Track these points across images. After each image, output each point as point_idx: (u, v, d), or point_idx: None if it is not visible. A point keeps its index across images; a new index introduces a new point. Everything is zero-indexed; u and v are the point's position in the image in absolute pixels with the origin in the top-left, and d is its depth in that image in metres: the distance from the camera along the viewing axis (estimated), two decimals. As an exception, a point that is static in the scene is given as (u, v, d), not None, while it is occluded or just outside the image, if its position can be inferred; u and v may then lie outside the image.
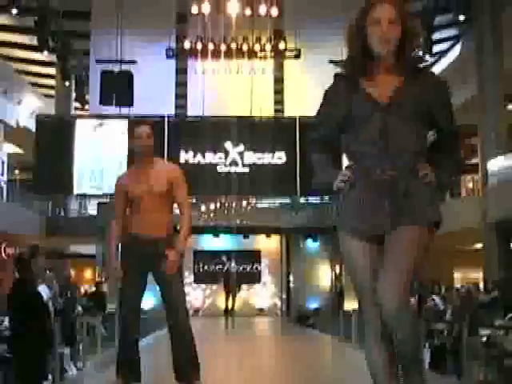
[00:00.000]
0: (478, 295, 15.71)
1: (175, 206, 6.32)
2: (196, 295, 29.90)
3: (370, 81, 3.59)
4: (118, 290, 6.36)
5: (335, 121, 3.66)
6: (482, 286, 18.59)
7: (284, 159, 23.77)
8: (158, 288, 6.22)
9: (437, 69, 27.00)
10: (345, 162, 3.77)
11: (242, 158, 23.63)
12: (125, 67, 23.63)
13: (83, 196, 26.70)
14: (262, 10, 22.92)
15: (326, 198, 23.93)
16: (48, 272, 13.87)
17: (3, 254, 27.47)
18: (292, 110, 24.95)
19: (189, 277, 29.24)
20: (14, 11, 20.80)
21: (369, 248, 3.59)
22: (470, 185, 23.79)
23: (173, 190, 6.17)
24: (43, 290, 11.00)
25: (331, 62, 19.38)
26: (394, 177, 3.50)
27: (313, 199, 26.02)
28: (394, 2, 3.54)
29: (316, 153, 3.80)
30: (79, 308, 14.87)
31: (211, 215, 27.32)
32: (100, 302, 18.74)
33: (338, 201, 3.70)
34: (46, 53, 24.43)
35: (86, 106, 28.18)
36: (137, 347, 6.24)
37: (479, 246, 22.98)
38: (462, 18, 21.07)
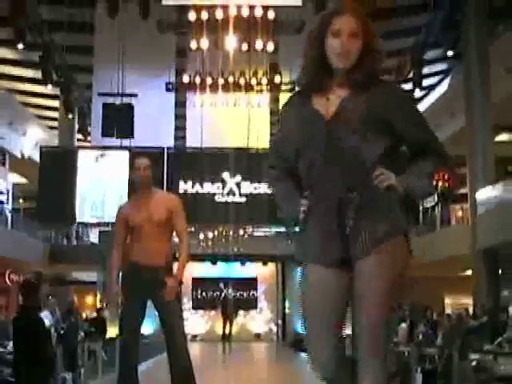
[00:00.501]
0: (468, 321, 15.70)
1: (174, 234, 6.36)
2: (194, 321, 29.81)
3: (321, 96, 3.18)
4: (119, 316, 6.36)
5: (293, 146, 3.23)
6: (471, 311, 18.58)
7: (280, 189, 23.73)
8: (157, 313, 6.23)
9: (427, 101, 27.17)
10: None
11: (239, 188, 23.65)
12: (126, 100, 23.73)
13: (85, 224, 26.71)
14: (259, 45, 22.99)
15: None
16: (50, 298, 13.86)
17: (7, 281, 27.43)
18: (287, 141, 24.92)
19: (187, 303, 29.18)
20: (20, 46, 20.90)
21: (329, 281, 3.11)
22: (460, 214, 23.83)
23: (172, 218, 6.21)
24: (46, 316, 10.99)
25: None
26: (340, 196, 3.07)
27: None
28: (356, 13, 3.14)
29: (278, 182, 3.41)
30: (81, 334, 14.80)
31: (209, 243, 27.34)
32: (101, 327, 18.70)
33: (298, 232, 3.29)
34: (50, 86, 24.54)
35: (88, 138, 28.23)
36: (136, 372, 6.22)
37: (469, 272, 22.98)
38: (450, 53, 21.22)
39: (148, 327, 20.27)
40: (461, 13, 20.86)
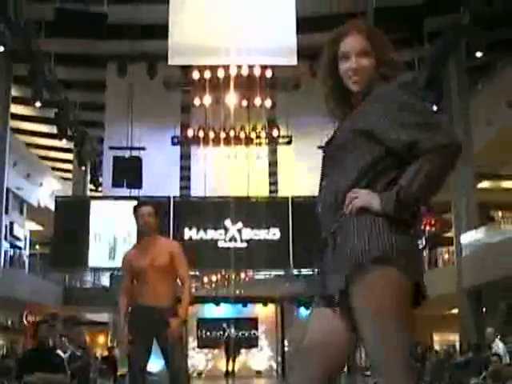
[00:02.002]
0: (455, 356, 15.63)
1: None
2: (199, 359, 29.53)
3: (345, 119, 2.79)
4: (127, 355, 6.37)
5: None
6: (458, 347, 18.50)
7: (278, 235, 23.70)
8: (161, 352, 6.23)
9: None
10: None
11: (240, 234, 23.60)
12: (134, 153, 23.85)
13: (97, 269, 26.65)
14: (257, 101, 23.20)
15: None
16: (63, 338, 13.80)
17: (24, 321, 27.33)
18: (285, 190, 25.00)
19: (193, 342, 28.95)
20: (38, 104, 21.09)
21: (323, 313, 2.77)
22: (446, 256, 23.82)
23: (174, 263, 6.23)
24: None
25: (319, 147, 19.54)
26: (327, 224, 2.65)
27: (305, 271, 25.90)
28: (364, 30, 2.76)
29: None
30: (94, 372, 14.72)
31: (213, 286, 27.27)
32: (112, 364, 18.59)
33: None
34: (64, 140, 24.74)
35: (100, 188, 28.32)
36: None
37: (455, 311, 22.91)
38: (434, 108, 21.33)
39: (155, 364, 20.14)
40: (443, 71, 21.08)
